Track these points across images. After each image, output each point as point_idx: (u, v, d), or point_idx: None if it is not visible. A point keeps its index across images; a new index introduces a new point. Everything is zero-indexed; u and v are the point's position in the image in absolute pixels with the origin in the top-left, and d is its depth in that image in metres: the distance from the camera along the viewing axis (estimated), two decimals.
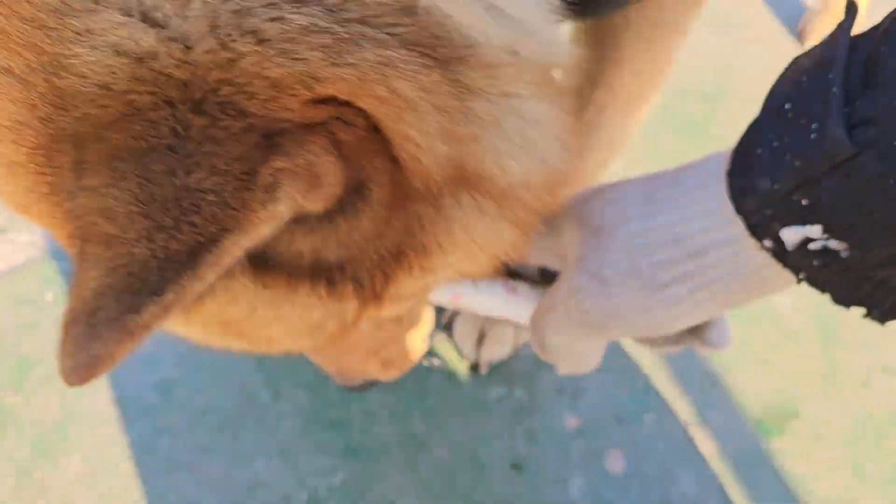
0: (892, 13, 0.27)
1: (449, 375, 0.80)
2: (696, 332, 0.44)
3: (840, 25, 0.30)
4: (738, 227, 0.33)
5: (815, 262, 0.30)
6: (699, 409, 0.81)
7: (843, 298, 0.32)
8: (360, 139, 0.28)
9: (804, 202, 0.29)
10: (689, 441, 0.79)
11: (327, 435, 0.75)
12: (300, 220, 0.30)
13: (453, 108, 0.30)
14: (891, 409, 0.83)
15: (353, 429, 0.76)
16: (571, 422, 0.78)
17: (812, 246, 0.30)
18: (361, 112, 0.27)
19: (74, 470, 0.70)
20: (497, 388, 0.80)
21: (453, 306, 0.54)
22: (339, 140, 0.27)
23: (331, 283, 0.35)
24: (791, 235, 0.30)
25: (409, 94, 0.27)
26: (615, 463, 0.76)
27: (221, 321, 0.35)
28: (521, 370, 0.81)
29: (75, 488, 0.70)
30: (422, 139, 0.29)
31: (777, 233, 0.31)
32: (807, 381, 0.84)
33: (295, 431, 0.75)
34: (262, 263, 0.32)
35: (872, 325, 0.90)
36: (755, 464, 0.78)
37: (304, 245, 0.32)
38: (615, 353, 0.84)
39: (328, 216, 0.31)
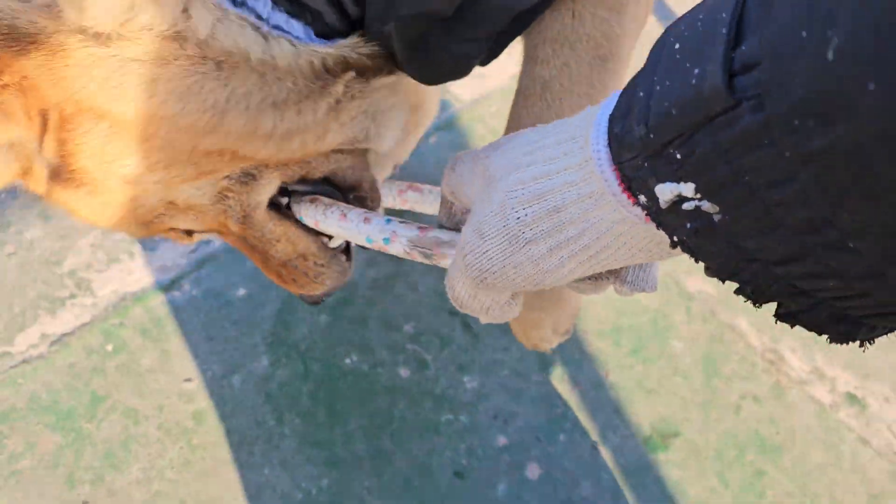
0: None
1: (410, 404, 1.04)
2: (615, 272, 0.41)
3: None
4: (595, 180, 0.31)
5: (689, 225, 0.28)
6: (601, 430, 1.01)
7: (717, 270, 0.29)
8: (27, 89, 0.45)
9: (678, 156, 0.26)
10: (593, 455, 0.99)
11: (316, 450, 0.96)
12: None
13: (53, 72, 0.45)
14: (753, 430, 1.03)
15: (336, 446, 0.96)
16: (501, 440, 1.01)
17: (685, 206, 0.27)
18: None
19: (134, 476, 0.91)
20: (447, 414, 1.03)
21: (334, 234, 0.59)
22: (20, 90, 0.45)
23: (52, 178, 0.51)
24: (665, 192, 0.28)
25: (21, 67, 0.44)
26: (533, 472, 0.99)
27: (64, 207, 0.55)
28: (466, 401, 1.05)
29: (135, 489, 0.92)
30: (36, 90, 0.46)
31: (653, 188, 0.28)
32: (689, 407, 1.04)
33: (292, 448, 0.96)
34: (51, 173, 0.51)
35: (748, 361, 1.14)
36: (643, 472, 0.98)
37: (42, 159, 0.50)
38: (539, 384, 1.07)
39: (40, 139, 0.49)
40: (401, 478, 0.96)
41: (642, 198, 0.29)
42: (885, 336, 0.29)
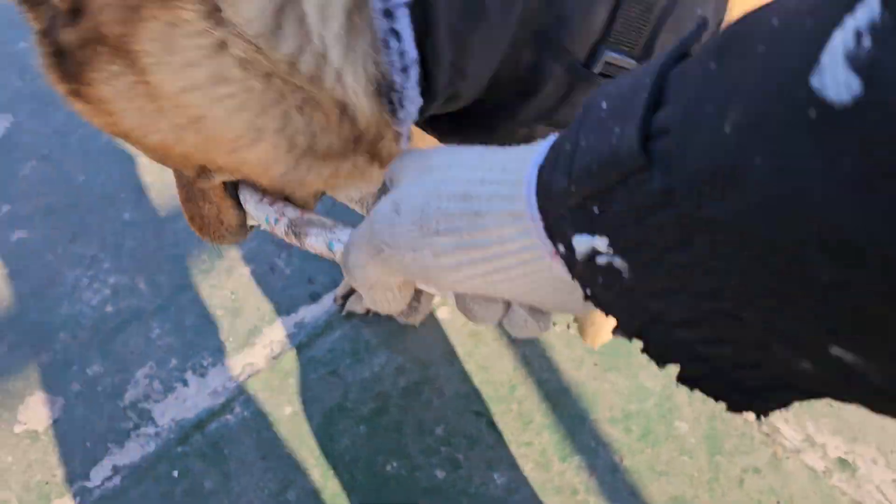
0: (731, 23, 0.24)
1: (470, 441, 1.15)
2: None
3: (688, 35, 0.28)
4: (521, 201, 0.32)
5: (600, 279, 0.29)
6: None
7: (624, 326, 0.30)
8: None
9: (596, 210, 0.27)
10: None
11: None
12: None
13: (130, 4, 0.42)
14: (755, 502, 1.16)
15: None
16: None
17: (599, 260, 0.28)
18: None
19: None
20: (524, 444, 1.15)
21: (249, 212, 0.60)
22: None
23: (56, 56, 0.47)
24: (581, 244, 0.28)
25: None
26: None
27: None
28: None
29: None
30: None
31: (570, 239, 0.29)
32: (696, 485, 1.16)
33: None
34: None
35: (747, 436, 1.27)
36: None
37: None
38: (561, 473, 1.19)
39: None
40: None
41: (560, 247, 0.30)
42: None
